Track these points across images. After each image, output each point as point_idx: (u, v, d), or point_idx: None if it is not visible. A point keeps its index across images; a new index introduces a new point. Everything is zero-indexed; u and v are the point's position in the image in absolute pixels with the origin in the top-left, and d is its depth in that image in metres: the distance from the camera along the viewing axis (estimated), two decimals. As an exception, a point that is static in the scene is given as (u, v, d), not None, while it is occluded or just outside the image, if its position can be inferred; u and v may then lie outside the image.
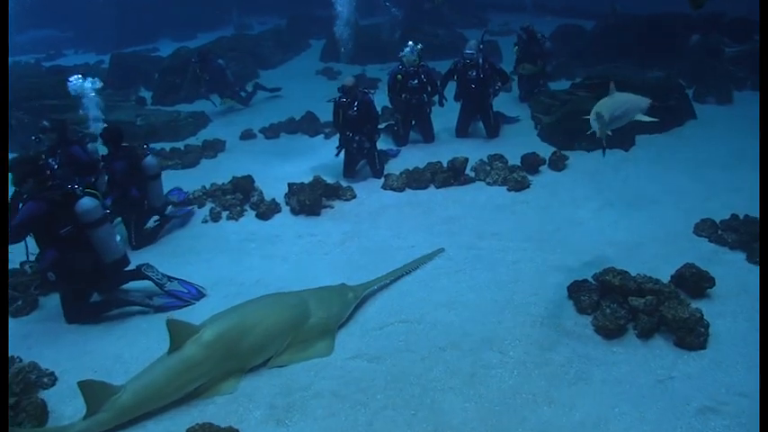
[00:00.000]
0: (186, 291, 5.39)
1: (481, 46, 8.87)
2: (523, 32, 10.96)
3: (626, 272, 4.57)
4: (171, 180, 8.48)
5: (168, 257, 6.19)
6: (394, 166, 8.14)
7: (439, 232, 6.09)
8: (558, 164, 7.56)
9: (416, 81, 8.68)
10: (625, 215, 6.19)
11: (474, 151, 8.52)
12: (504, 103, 10.16)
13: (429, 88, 8.83)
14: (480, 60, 8.76)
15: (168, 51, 16.91)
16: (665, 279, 4.70)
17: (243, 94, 12.54)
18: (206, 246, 6.39)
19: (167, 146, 9.97)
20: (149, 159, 6.44)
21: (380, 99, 9.79)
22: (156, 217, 6.76)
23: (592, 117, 4.77)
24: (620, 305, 4.34)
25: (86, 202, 4.84)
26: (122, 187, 6.32)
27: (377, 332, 4.56)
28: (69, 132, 7.23)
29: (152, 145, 10.10)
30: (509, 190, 6.92)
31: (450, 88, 9.19)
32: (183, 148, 9.61)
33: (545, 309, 4.61)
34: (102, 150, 6.85)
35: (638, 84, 9.09)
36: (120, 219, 6.47)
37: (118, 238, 5.20)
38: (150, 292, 5.41)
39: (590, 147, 8.18)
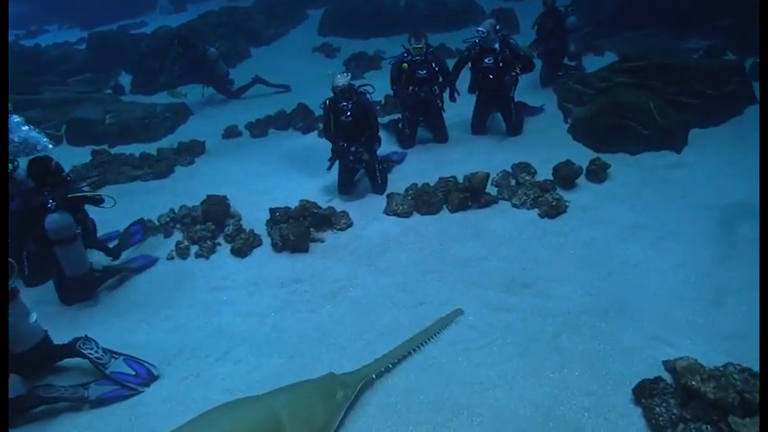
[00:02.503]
0: (134, 373, 4.23)
1: (498, 27, 7.34)
2: (543, 5, 9.42)
3: (720, 374, 3.29)
4: (137, 194, 7.30)
5: (120, 314, 5.01)
6: (399, 176, 6.83)
7: (455, 281, 4.82)
8: (598, 174, 6.19)
9: (425, 71, 7.26)
10: (691, 252, 4.86)
11: (494, 154, 7.18)
12: (523, 87, 8.61)
13: (440, 78, 7.42)
14: (497, 45, 7.28)
15: (156, 26, 15.46)
16: (768, 368, 3.45)
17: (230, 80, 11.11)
18: (167, 296, 5.18)
19: (139, 149, 8.69)
20: (53, 220, 4.66)
21: (382, 84, 8.42)
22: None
23: None
24: (716, 426, 3.09)
25: (-17, 279, 3.62)
26: (19, 236, 4.79)
27: (375, 455, 3.37)
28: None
29: (122, 148, 8.94)
30: (541, 216, 5.58)
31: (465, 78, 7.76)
32: (156, 152, 8.32)
33: (604, 422, 3.37)
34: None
35: (690, 66, 7.65)
36: None
37: (34, 317, 3.99)
38: (88, 372, 4.27)
39: (634, 148, 6.79)
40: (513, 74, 7.39)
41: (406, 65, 7.23)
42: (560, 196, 5.66)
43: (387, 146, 7.64)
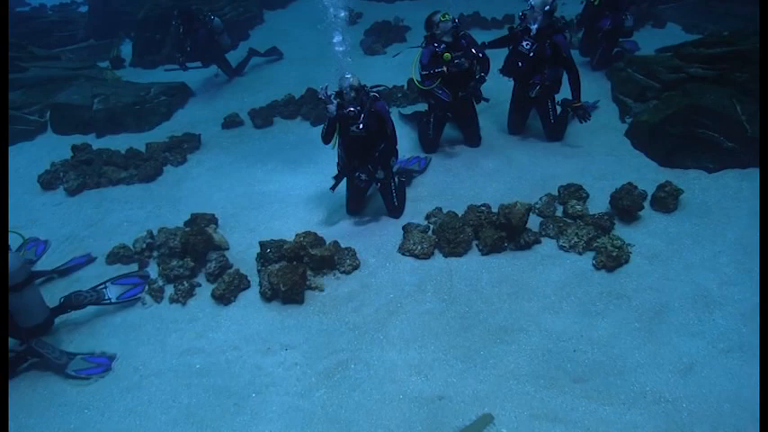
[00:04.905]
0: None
1: (547, 7, 5.76)
2: None
3: None
4: (118, 202, 6.36)
5: (68, 387, 4.05)
6: (419, 193, 5.72)
7: (484, 364, 3.75)
8: (667, 203, 4.96)
9: (463, 59, 5.86)
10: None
11: (535, 165, 5.99)
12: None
13: (477, 65, 6.04)
14: (534, 26, 5.79)
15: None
16: None
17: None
18: (130, 358, 4.23)
19: (129, 139, 7.68)
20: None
21: (406, 60, 7.15)
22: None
23: None
24: None
25: None
26: None
27: None
28: None
29: (111, 139, 7.93)
30: (597, 267, 4.40)
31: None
32: (145, 148, 7.27)
33: None
34: None
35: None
36: None
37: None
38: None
39: (713, 164, 5.50)
40: (545, 83, 5.97)
41: (448, 54, 5.86)
42: (622, 242, 4.45)
43: (405, 142, 6.48)
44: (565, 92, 6.15)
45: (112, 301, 4.59)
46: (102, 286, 4.64)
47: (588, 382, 3.52)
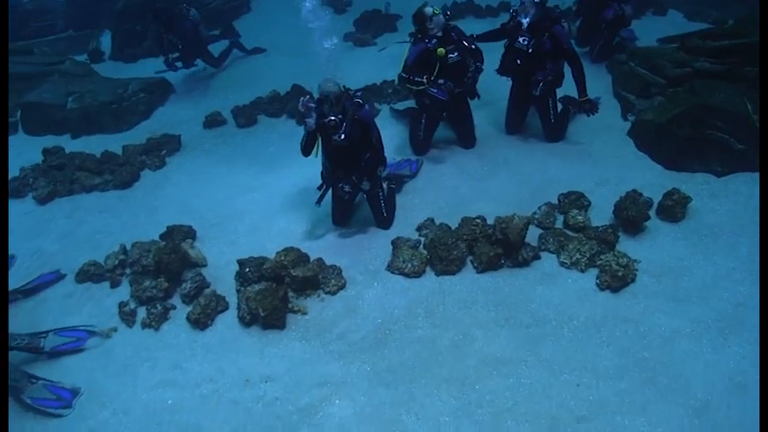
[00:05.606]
0: None
1: None
2: None
3: None
4: (91, 212, 6.01)
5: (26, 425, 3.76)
6: (410, 200, 5.39)
7: (479, 401, 3.43)
8: (675, 212, 4.63)
9: (456, 53, 5.53)
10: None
11: (533, 167, 5.67)
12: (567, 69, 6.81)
13: (470, 58, 5.66)
14: (525, 20, 5.39)
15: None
16: None
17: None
18: (97, 392, 3.91)
19: (105, 141, 7.27)
20: None
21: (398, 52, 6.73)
22: None
23: None
24: None
25: None
26: None
27: None
28: None
29: (86, 141, 7.53)
30: (601, 287, 4.07)
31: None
32: (121, 150, 6.86)
33: None
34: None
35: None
36: None
37: None
38: None
39: (722, 168, 5.16)
40: (547, 78, 5.56)
41: (442, 50, 5.42)
42: (627, 259, 4.12)
43: (395, 142, 6.14)
44: (568, 85, 5.77)
45: (45, 351, 4.18)
46: (43, 335, 4.21)
47: (593, 422, 3.22)
